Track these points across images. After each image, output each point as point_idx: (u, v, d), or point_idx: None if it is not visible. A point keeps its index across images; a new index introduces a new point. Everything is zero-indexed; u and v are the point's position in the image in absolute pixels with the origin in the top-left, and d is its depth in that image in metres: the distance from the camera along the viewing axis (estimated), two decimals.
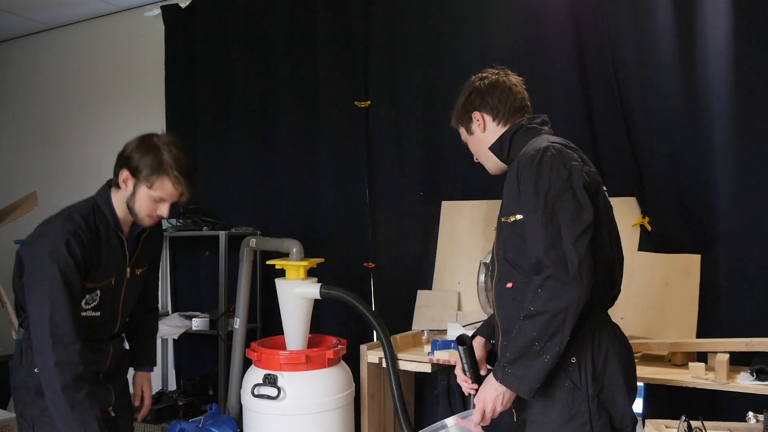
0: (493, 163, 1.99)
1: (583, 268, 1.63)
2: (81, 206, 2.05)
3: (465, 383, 1.93)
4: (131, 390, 2.39)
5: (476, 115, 1.96)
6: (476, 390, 1.87)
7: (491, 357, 2.00)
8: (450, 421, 1.82)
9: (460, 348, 1.90)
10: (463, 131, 2.05)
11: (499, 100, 1.94)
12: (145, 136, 2.05)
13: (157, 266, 2.39)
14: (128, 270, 2.11)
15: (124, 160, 2.02)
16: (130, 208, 2.03)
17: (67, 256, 1.91)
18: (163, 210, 2.04)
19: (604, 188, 1.86)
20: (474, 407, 1.80)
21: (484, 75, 2.01)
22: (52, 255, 1.91)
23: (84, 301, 2.01)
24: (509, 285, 1.82)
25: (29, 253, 1.98)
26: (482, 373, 1.94)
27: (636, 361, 2.54)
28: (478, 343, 2.00)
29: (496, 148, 1.93)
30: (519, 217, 1.77)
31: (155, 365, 2.45)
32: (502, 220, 1.86)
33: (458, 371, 1.94)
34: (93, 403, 1.90)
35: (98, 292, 2.03)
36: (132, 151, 2.01)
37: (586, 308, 1.65)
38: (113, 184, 2.07)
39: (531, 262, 1.70)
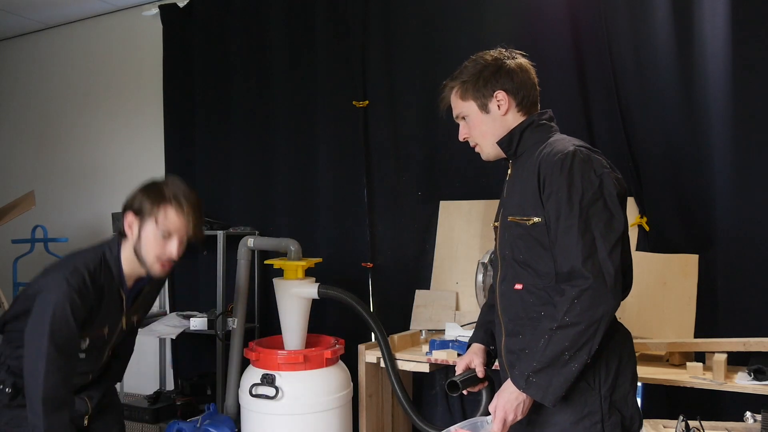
0: (494, 150, 1.87)
1: (617, 279, 1.63)
2: (88, 258, 1.99)
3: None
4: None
5: (500, 95, 1.81)
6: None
7: (489, 359, 2.00)
8: (452, 429, 1.80)
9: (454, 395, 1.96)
10: (470, 105, 1.85)
11: (527, 87, 1.83)
12: (148, 180, 2.02)
13: (146, 314, 2.41)
14: (123, 320, 2.12)
15: (127, 205, 1.98)
16: (139, 256, 1.98)
17: (70, 320, 1.91)
18: (173, 249, 1.95)
19: None
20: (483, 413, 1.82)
21: (509, 54, 1.86)
22: (53, 317, 1.90)
23: None
24: (519, 286, 1.78)
25: (35, 306, 1.96)
26: (481, 376, 1.95)
27: None
28: (478, 349, 1.99)
29: (505, 143, 1.84)
30: (537, 220, 1.72)
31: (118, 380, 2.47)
32: (509, 219, 1.80)
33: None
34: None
35: (89, 339, 2.05)
36: (135, 194, 1.98)
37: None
38: (122, 234, 2.02)
39: (562, 270, 1.67)
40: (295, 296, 2.85)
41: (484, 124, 1.85)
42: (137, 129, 4.51)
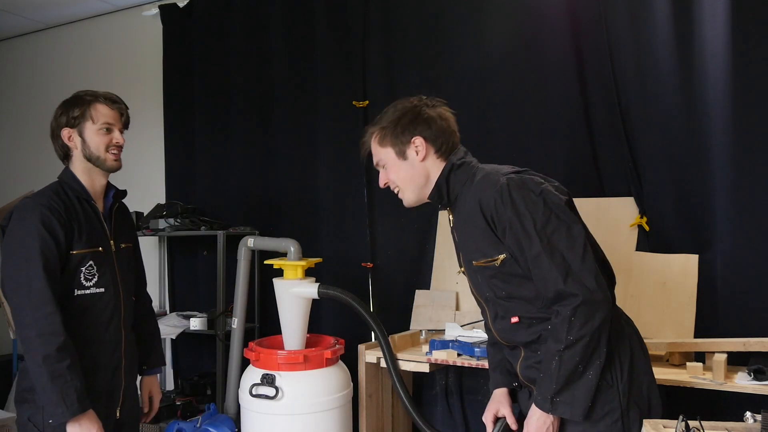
0: (415, 196, 1.90)
1: (600, 283, 1.67)
2: (47, 186, 2.10)
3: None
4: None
5: (418, 140, 1.85)
6: None
7: (514, 398, 2.01)
8: None
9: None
10: (388, 152, 1.88)
11: (445, 134, 1.86)
12: (60, 104, 2.17)
13: (139, 254, 2.38)
14: (112, 243, 2.12)
15: (57, 127, 2.11)
16: (89, 157, 2.09)
17: (42, 228, 1.93)
18: (117, 136, 2.13)
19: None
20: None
21: (429, 102, 1.90)
22: (27, 228, 1.93)
23: (83, 276, 2.01)
24: (515, 320, 1.81)
25: (6, 233, 2.00)
26: (514, 428, 1.95)
27: None
28: (501, 396, 1.99)
29: (435, 195, 1.86)
30: (503, 257, 1.75)
31: (164, 365, 2.44)
32: (475, 264, 1.82)
33: None
34: (74, 375, 1.89)
35: (91, 262, 2.03)
36: (58, 116, 2.11)
37: None
38: (66, 163, 2.15)
39: (548, 295, 1.70)
40: (295, 296, 2.85)
41: (403, 170, 1.88)
42: (137, 129, 4.44)
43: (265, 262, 3.06)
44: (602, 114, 2.97)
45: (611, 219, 2.90)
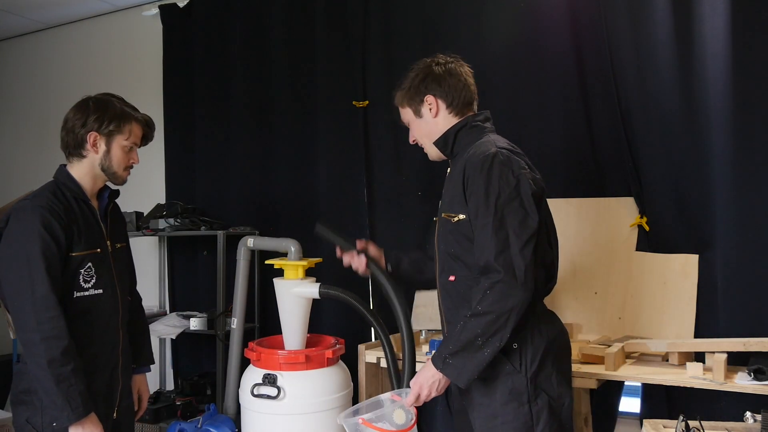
0: (434, 151, 2.06)
1: (528, 273, 1.75)
2: (44, 187, 2.07)
3: (353, 261, 2.30)
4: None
5: (429, 98, 2.00)
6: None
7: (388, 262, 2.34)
8: (385, 396, 1.95)
9: (320, 229, 2.28)
10: (408, 112, 2.06)
11: (455, 89, 1.99)
12: (80, 102, 2.13)
13: (130, 253, 2.37)
14: (108, 243, 2.12)
15: (82, 127, 2.07)
16: (105, 168, 2.09)
17: (43, 231, 1.91)
18: (135, 157, 2.15)
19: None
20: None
21: (441, 60, 2.04)
22: (27, 231, 1.91)
23: (82, 278, 2.01)
24: (452, 278, 1.93)
25: (4, 236, 1.98)
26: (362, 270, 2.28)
27: (633, 361, 2.56)
28: (377, 249, 2.37)
29: (441, 143, 2.01)
30: (462, 217, 1.87)
31: (153, 363, 2.44)
32: (443, 215, 1.95)
33: (343, 255, 2.32)
34: (78, 378, 1.89)
35: (90, 264, 2.02)
36: (85, 116, 2.07)
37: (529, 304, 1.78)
38: (69, 159, 2.13)
39: (479, 264, 1.80)
40: (296, 296, 2.85)
41: (420, 127, 2.06)
42: None
43: (266, 262, 3.06)
44: (602, 114, 2.97)
45: (611, 219, 2.90)
